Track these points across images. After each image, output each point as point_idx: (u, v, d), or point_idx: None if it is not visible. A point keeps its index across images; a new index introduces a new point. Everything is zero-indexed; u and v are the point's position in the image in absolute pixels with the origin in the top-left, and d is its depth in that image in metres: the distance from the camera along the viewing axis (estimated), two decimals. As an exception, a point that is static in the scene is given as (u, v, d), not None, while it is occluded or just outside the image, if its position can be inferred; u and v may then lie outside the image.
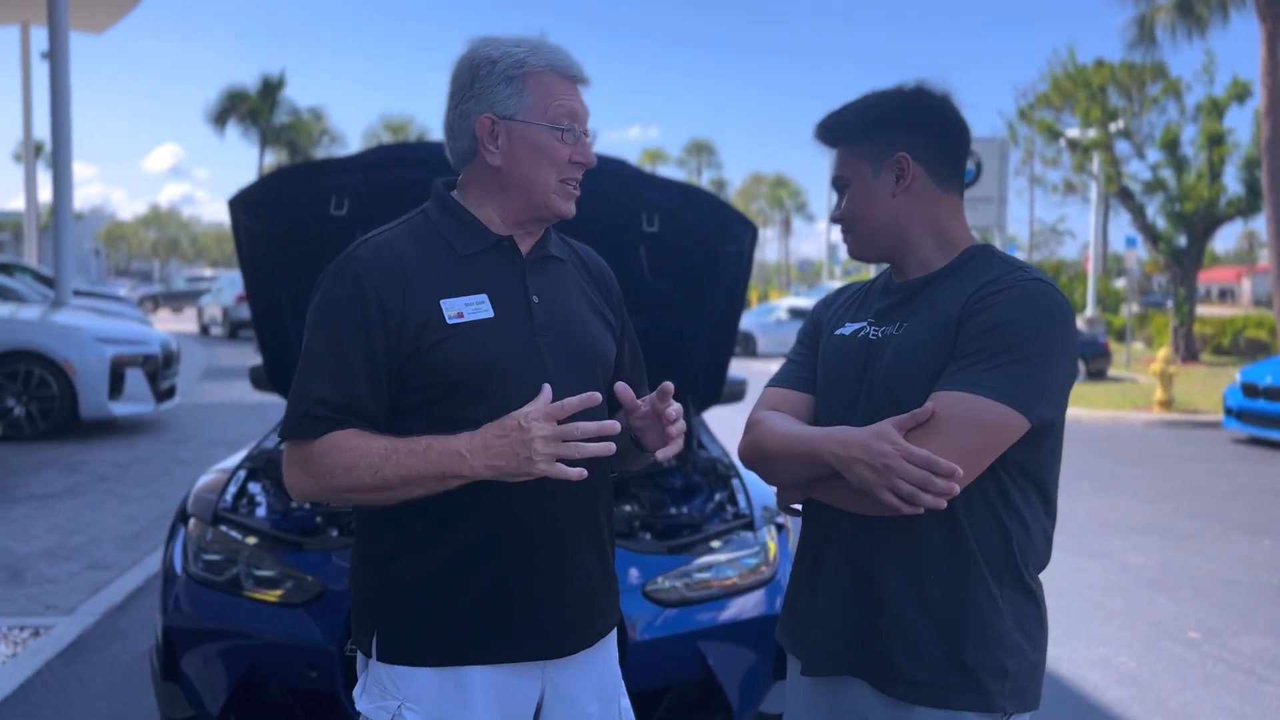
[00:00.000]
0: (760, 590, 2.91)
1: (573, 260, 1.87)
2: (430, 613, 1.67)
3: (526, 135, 1.67)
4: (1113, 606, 5.36)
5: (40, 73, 15.52)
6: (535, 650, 1.71)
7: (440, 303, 1.64)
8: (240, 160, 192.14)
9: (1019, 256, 2.12)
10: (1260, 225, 23.21)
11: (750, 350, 22.72)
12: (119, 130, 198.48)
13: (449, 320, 1.63)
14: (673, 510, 3.33)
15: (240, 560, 2.85)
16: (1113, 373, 19.61)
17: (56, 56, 11.56)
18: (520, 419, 1.55)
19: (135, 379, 9.51)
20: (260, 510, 3.20)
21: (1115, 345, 22.53)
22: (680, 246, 3.46)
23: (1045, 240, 59.44)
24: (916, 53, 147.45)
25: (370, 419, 1.63)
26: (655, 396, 1.66)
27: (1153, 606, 5.37)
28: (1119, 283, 34.39)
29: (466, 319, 1.64)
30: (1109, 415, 13.96)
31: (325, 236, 3.19)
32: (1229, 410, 11.55)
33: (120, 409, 9.41)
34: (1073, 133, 24.62)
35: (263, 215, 3.33)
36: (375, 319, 1.61)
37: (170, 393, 10.29)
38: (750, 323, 23.21)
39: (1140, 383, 17.99)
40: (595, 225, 3.17)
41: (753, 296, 36.29)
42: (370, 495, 1.61)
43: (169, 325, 24.80)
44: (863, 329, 1.74)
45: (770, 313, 25.29)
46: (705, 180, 69.32)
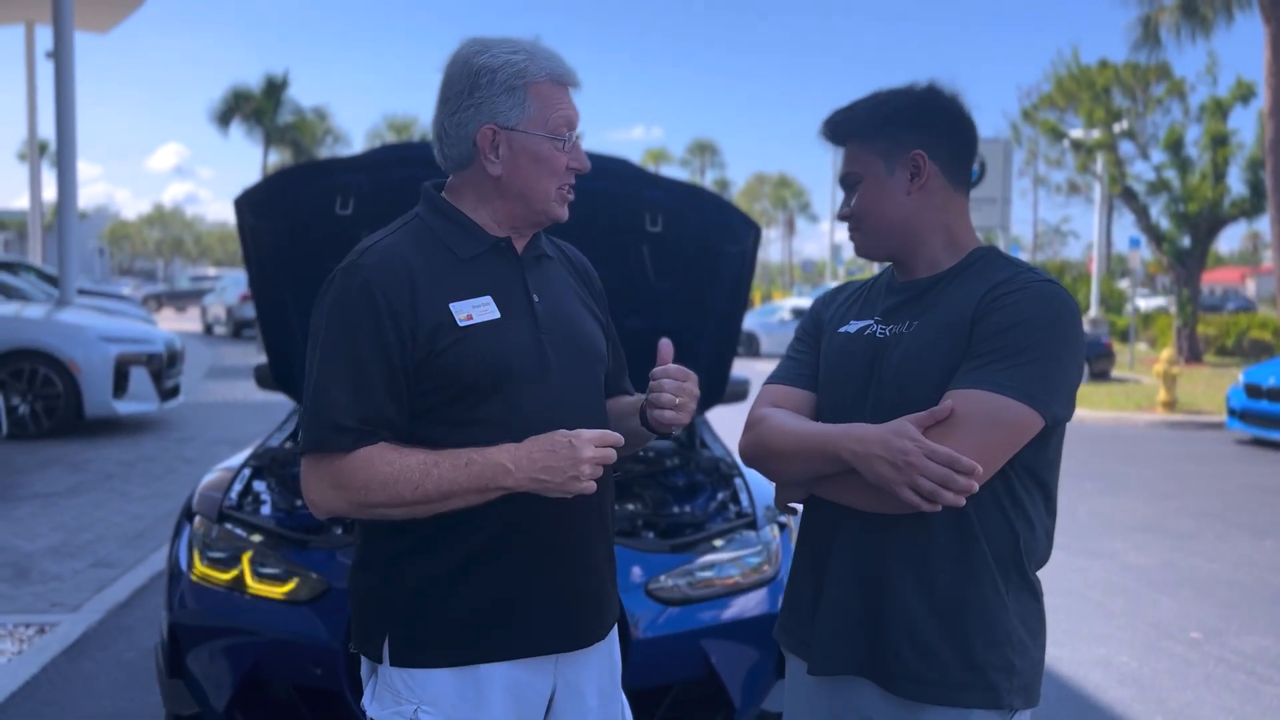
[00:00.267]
0: (763, 589, 2.93)
1: (559, 258, 1.88)
2: (445, 614, 1.67)
3: (528, 146, 1.68)
4: (1114, 606, 5.37)
5: (45, 72, 15.61)
6: (551, 644, 1.72)
7: (449, 306, 1.64)
8: (244, 160, 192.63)
9: (1023, 257, 2.13)
10: (1264, 226, 23.12)
11: (753, 350, 22.74)
12: (123, 129, 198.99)
13: (459, 323, 1.64)
14: (676, 509, 3.34)
15: (245, 558, 2.86)
16: (1116, 373, 19.61)
17: (61, 56, 11.58)
18: (571, 437, 1.57)
19: (140, 378, 9.53)
20: (265, 508, 3.21)
21: (1119, 346, 22.52)
22: (683, 246, 3.47)
23: (1049, 241, 59.39)
24: (920, 54, 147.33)
25: (395, 428, 1.62)
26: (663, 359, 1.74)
27: (1154, 606, 5.37)
28: (1123, 283, 34.37)
29: (476, 321, 1.65)
30: (1112, 416, 13.95)
31: (330, 236, 3.20)
32: (1232, 411, 11.54)
33: (125, 408, 9.44)
34: (1076, 133, 24.59)
35: (268, 215, 3.35)
36: (388, 326, 1.61)
37: (174, 391, 10.31)
38: (753, 323, 23.24)
39: (1144, 383, 17.98)
40: (599, 225, 3.19)
41: (756, 297, 36.30)
42: (406, 509, 1.60)
43: (172, 324, 24.83)
44: (869, 327, 1.74)
45: (773, 313, 25.32)
46: (709, 180, 69.28)
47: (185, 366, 11.24)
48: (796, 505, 1.80)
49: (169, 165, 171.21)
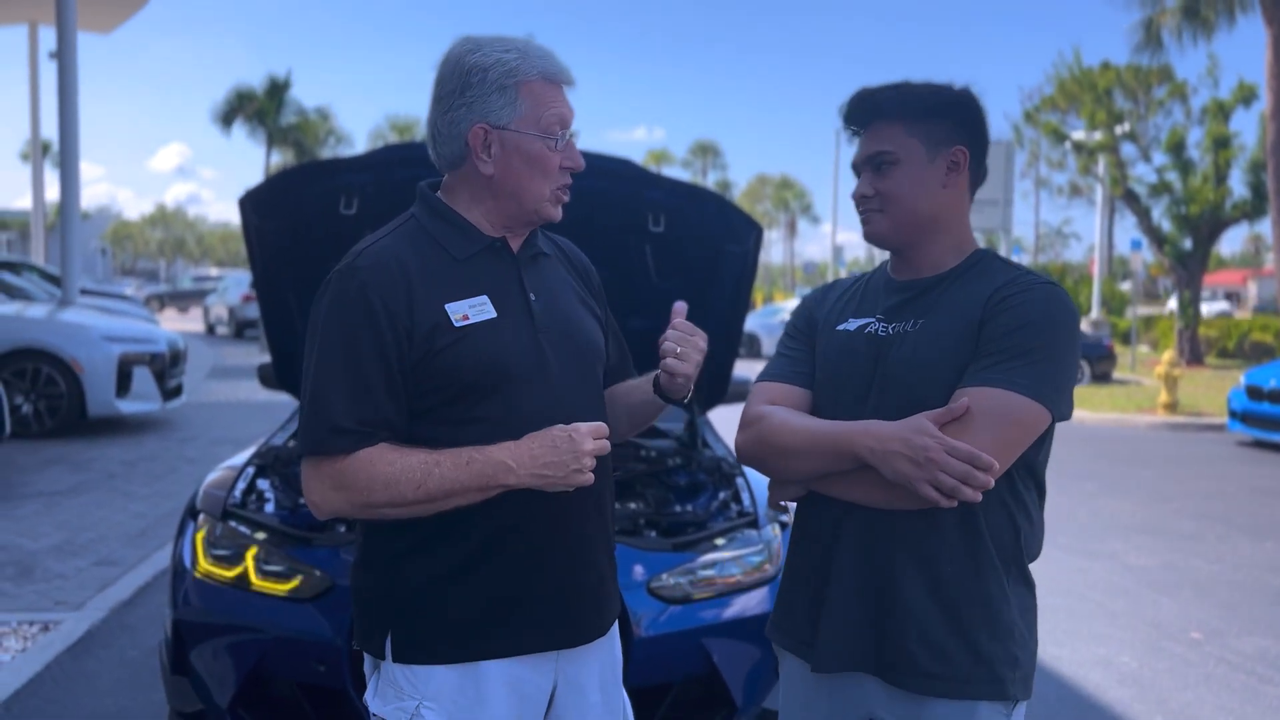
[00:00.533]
0: (764, 588, 2.94)
1: (557, 255, 1.88)
2: (446, 611, 1.67)
3: (520, 145, 1.68)
4: (1115, 607, 5.37)
5: (48, 72, 15.59)
6: (552, 640, 1.73)
7: (445, 307, 1.65)
8: (247, 160, 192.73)
9: (1025, 259, 2.15)
10: (1266, 229, 23.12)
11: (755, 351, 22.77)
12: (126, 130, 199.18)
13: (455, 324, 1.64)
14: (677, 508, 3.35)
15: (250, 555, 2.88)
16: (1118, 375, 19.61)
17: (64, 56, 11.59)
18: (570, 432, 1.60)
19: (142, 377, 9.55)
20: (269, 506, 3.23)
21: (1120, 348, 22.52)
22: (685, 247, 3.48)
23: (1050, 243, 59.47)
24: (920, 55, 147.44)
25: (394, 429, 1.63)
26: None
27: (1155, 607, 5.38)
28: (1124, 285, 34.35)
29: (472, 321, 1.65)
30: (1113, 417, 13.96)
31: (334, 236, 3.20)
32: (1233, 413, 11.55)
33: (127, 407, 9.45)
34: (1078, 135, 24.59)
35: (272, 215, 3.36)
36: (385, 328, 1.61)
37: (177, 391, 10.33)
38: (755, 324, 23.25)
39: (1145, 385, 17.98)
40: (601, 225, 3.20)
41: (757, 298, 36.33)
42: (407, 509, 1.61)
43: (175, 324, 24.86)
44: (869, 325, 1.75)
45: (775, 314, 25.36)
46: (711, 181, 69.24)
47: (188, 366, 11.26)
48: (790, 504, 1.80)
49: (171, 165, 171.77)
